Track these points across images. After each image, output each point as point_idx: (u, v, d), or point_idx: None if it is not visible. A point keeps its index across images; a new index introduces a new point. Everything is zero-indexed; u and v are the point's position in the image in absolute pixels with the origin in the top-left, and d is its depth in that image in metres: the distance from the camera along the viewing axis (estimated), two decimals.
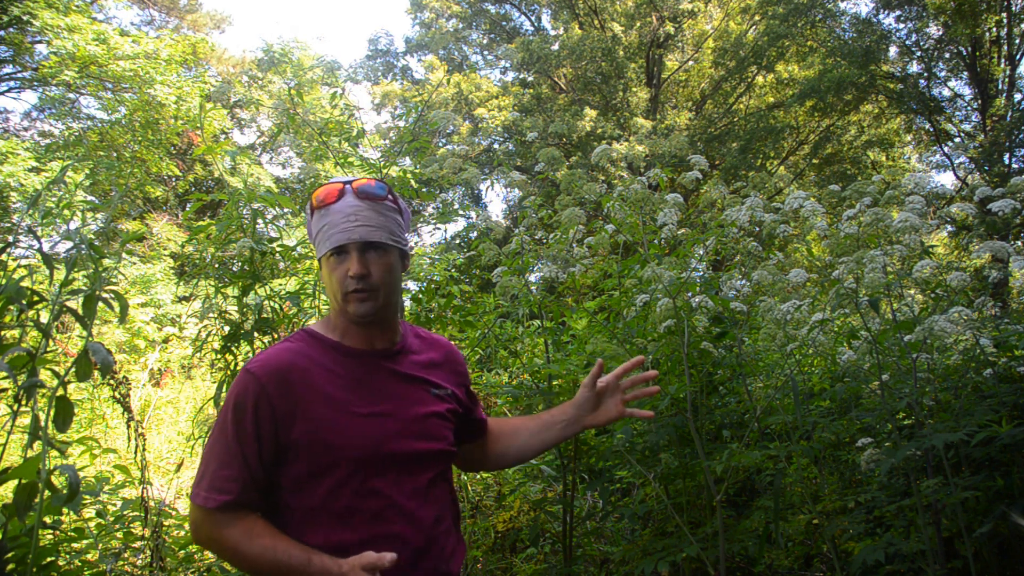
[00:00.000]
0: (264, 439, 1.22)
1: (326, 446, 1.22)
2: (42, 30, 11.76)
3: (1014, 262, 1.93)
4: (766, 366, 3.19)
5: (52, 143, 14.03)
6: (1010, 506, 2.06)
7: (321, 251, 1.30)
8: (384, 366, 1.33)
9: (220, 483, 1.20)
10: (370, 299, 1.27)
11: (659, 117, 19.77)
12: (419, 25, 24.95)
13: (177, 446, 6.13)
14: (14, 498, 1.69)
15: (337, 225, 1.27)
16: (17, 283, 1.84)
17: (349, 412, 1.25)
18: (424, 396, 1.36)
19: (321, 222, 1.29)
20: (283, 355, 1.27)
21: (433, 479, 1.33)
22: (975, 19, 15.36)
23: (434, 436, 1.34)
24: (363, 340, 1.33)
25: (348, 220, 1.27)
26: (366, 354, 1.32)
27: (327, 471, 1.23)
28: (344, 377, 1.28)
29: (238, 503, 1.20)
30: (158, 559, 2.80)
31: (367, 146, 3.98)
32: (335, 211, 1.28)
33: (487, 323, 3.22)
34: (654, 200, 2.51)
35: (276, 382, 1.22)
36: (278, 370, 1.24)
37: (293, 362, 1.25)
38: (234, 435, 1.21)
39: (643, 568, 2.24)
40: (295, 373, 1.24)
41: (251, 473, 1.21)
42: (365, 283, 1.26)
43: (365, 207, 1.28)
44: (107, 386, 2.97)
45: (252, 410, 1.21)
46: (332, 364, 1.29)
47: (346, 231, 1.26)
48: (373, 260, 1.27)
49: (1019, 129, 14.13)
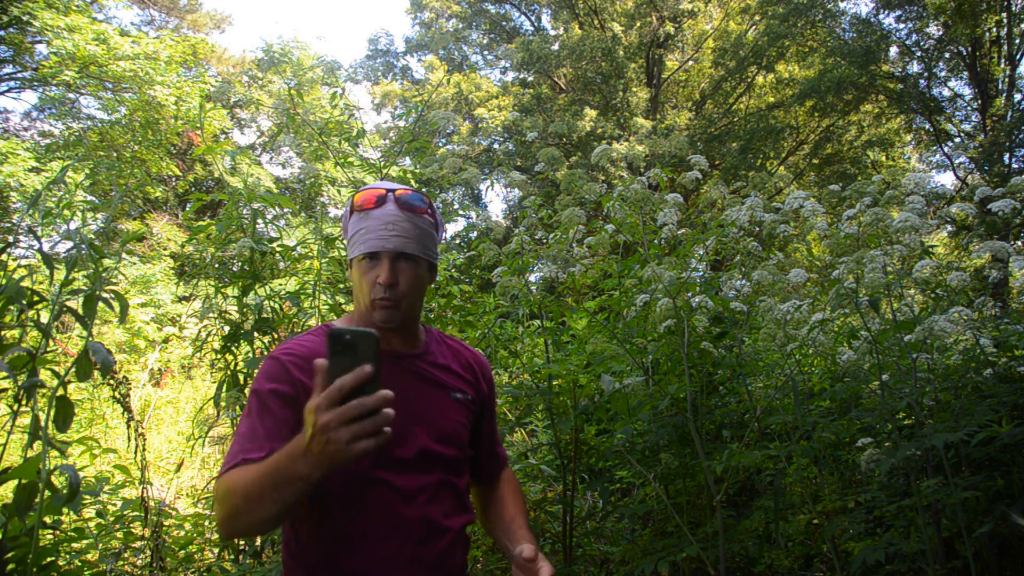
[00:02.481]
0: (287, 418, 1.23)
1: None
2: (42, 30, 11.76)
3: (1014, 262, 1.93)
4: (766, 366, 3.19)
5: (52, 143, 14.03)
6: (1010, 506, 2.06)
7: (354, 252, 1.33)
8: (403, 365, 1.35)
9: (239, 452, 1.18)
10: (394, 308, 1.30)
11: (659, 117, 19.78)
12: (419, 25, 24.96)
13: (177, 446, 6.13)
14: (14, 498, 1.69)
15: (374, 231, 1.30)
16: (17, 283, 1.84)
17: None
18: (441, 399, 1.37)
19: (359, 225, 1.32)
20: (305, 344, 1.31)
21: (444, 481, 1.33)
22: (975, 19, 15.36)
23: (446, 439, 1.34)
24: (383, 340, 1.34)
25: (385, 228, 1.30)
26: (386, 354, 1.33)
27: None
28: None
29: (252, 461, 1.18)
30: (158, 559, 2.81)
31: (367, 146, 3.98)
32: (374, 216, 1.31)
33: (487, 323, 3.22)
34: (654, 200, 2.51)
35: (297, 367, 1.25)
36: (299, 355, 1.27)
37: (314, 350, 1.28)
38: (257, 415, 1.22)
39: (643, 568, 2.24)
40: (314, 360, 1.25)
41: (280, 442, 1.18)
42: (392, 292, 1.29)
43: (404, 217, 1.31)
44: (107, 386, 2.97)
45: (274, 391, 1.23)
46: None
47: (382, 238, 1.29)
48: (403, 270, 1.30)
49: (1019, 129, 14.13)
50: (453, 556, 1.32)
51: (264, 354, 2.87)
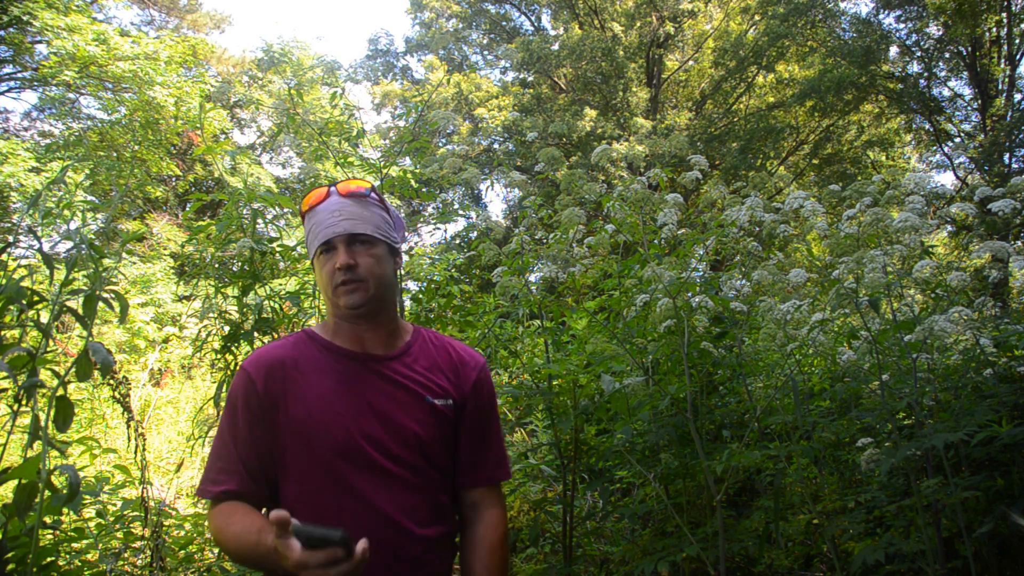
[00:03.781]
0: (255, 430, 1.25)
1: (306, 440, 1.25)
2: (42, 30, 11.75)
3: (1014, 262, 1.93)
4: (766, 366, 3.19)
5: (52, 143, 14.02)
6: (1010, 506, 2.06)
7: (312, 250, 1.34)
8: (374, 368, 1.32)
9: (214, 475, 1.25)
10: (359, 289, 1.29)
11: (659, 117, 19.77)
12: (419, 25, 24.95)
13: (177, 446, 6.12)
14: (14, 498, 1.69)
15: (323, 223, 1.32)
16: (17, 283, 1.84)
17: (331, 410, 1.26)
18: (411, 404, 1.32)
19: (310, 223, 1.35)
20: (274, 351, 1.32)
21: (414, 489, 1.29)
22: (975, 19, 15.35)
23: (413, 446, 1.30)
24: (355, 341, 1.34)
25: (333, 216, 1.31)
26: (357, 356, 1.33)
27: (309, 466, 1.25)
28: (331, 376, 1.30)
29: (231, 493, 1.23)
30: (158, 559, 2.81)
31: (367, 146, 3.98)
32: (321, 211, 1.33)
33: (487, 323, 3.22)
34: (654, 200, 2.51)
35: (264, 376, 1.27)
36: (267, 364, 1.29)
37: (283, 357, 1.30)
38: (228, 429, 1.26)
39: (643, 568, 2.24)
40: (284, 368, 1.29)
41: (245, 465, 1.25)
42: (352, 274, 1.29)
43: (349, 203, 1.33)
44: (107, 386, 2.97)
45: (243, 404, 1.26)
46: (321, 362, 1.31)
47: (331, 226, 1.30)
48: (360, 252, 1.30)
49: (1019, 129, 14.13)
50: (429, 565, 1.28)
51: None
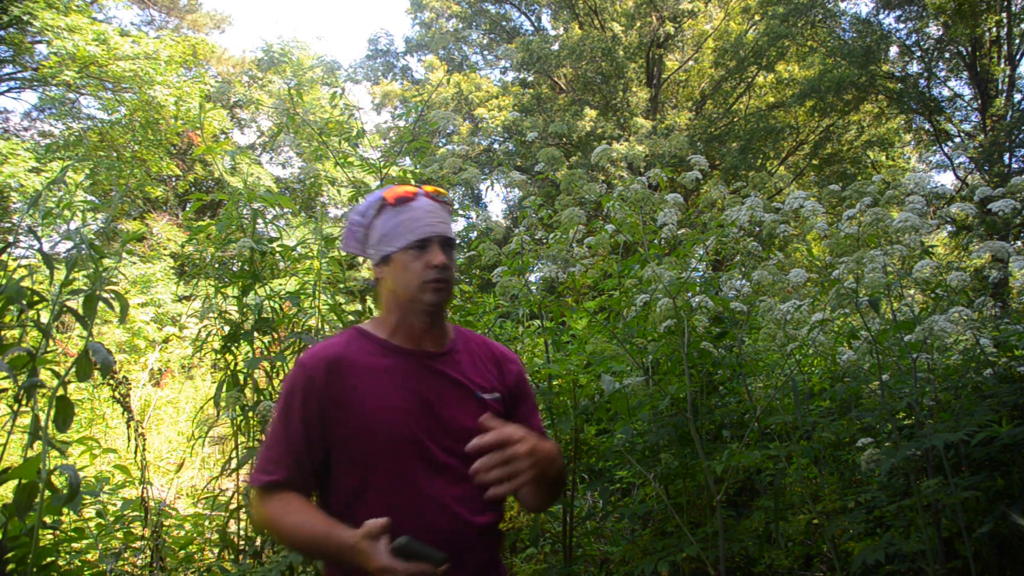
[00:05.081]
0: (311, 425, 1.30)
1: (366, 435, 1.30)
2: (42, 30, 11.75)
3: (1014, 262, 1.93)
4: (766, 366, 3.19)
5: (52, 143, 14.01)
6: (1010, 506, 2.06)
7: (399, 244, 1.36)
8: (429, 366, 1.38)
9: (266, 465, 1.30)
10: (445, 290, 1.36)
11: (659, 117, 19.76)
12: (419, 25, 24.96)
13: (177, 446, 6.13)
14: (14, 498, 1.69)
15: (420, 220, 1.36)
16: (17, 283, 1.84)
17: (389, 406, 1.31)
18: (466, 400, 1.39)
19: (397, 218, 1.37)
20: (332, 348, 1.36)
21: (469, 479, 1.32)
22: (975, 19, 15.35)
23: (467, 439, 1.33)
24: (410, 339, 1.39)
25: (430, 216, 1.37)
26: (412, 353, 1.38)
27: (369, 459, 1.30)
28: (388, 373, 1.35)
29: (283, 483, 1.29)
30: (158, 559, 2.81)
31: (367, 146, 3.98)
32: (415, 208, 1.37)
33: (487, 323, 3.22)
34: (654, 200, 2.51)
35: (323, 373, 1.31)
36: (325, 361, 1.33)
37: (341, 355, 1.34)
38: (282, 421, 1.31)
39: (643, 568, 2.24)
40: (342, 366, 1.33)
41: (296, 457, 1.30)
42: (446, 274, 1.35)
43: (440, 208, 1.40)
44: (107, 386, 2.97)
45: (300, 398, 1.31)
46: (378, 359, 1.36)
47: (430, 226, 1.36)
48: (449, 255, 1.38)
49: (1019, 129, 14.13)
50: (480, 551, 1.35)
51: (264, 354, 2.88)
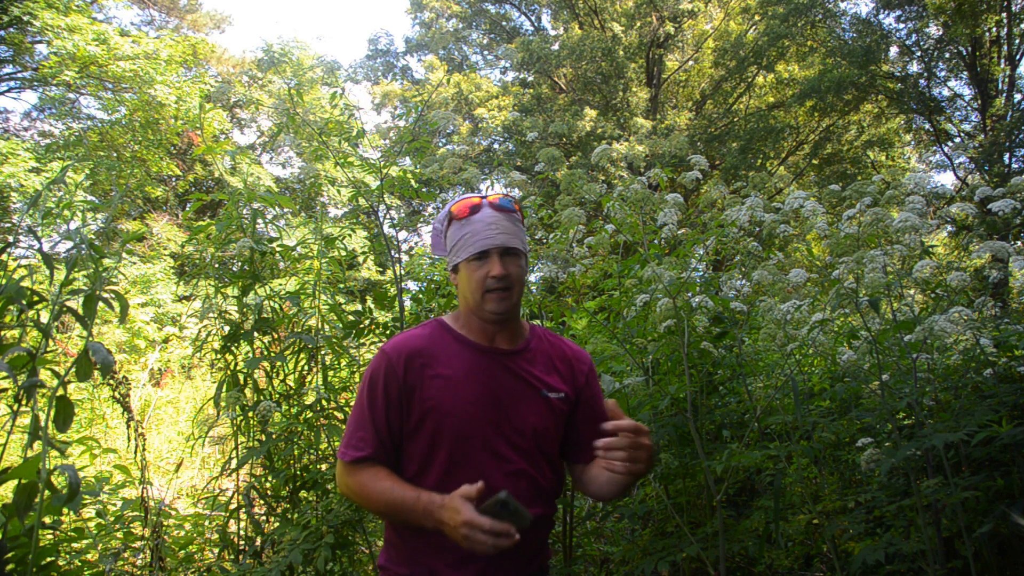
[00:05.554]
0: (391, 408, 1.44)
1: (436, 422, 1.42)
2: (42, 30, 11.75)
3: (1014, 262, 1.93)
4: (766, 366, 3.19)
5: (52, 143, 14.01)
6: (1010, 506, 2.06)
7: (463, 256, 1.47)
8: (499, 362, 1.49)
9: (355, 442, 1.44)
10: (507, 298, 1.45)
11: (659, 117, 19.77)
12: (419, 25, 24.95)
13: (177, 446, 6.12)
14: (14, 498, 1.69)
15: (479, 233, 1.45)
16: (17, 283, 1.84)
17: (460, 396, 1.43)
18: (530, 396, 1.48)
19: (461, 232, 1.48)
20: (413, 340, 1.49)
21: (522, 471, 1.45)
22: (975, 19, 15.35)
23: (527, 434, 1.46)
24: (484, 336, 1.50)
25: (489, 228, 1.45)
26: (486, 350, 1.49)
27: (437, 444, 1.42)
28: (462, 365, 1.46)
29: (369, 458, 1.43)
30: (158, 559, 2.81)
31: (367, 146, 3.98)
32: (476, 221, 1.47)
33: None
34: (654, 200, 2.51)
35: (404, 361, 1.44)
36: (407, 351, 1.45)
37: (421, 347, 1.47)
38: (368, 404, 1.44)
39: (643, 568, 2.24)
40: (421, 356, 1.46)
41: (379, 436, 1.44)
42: (505, 282, 1.44)
43: (502, 218, 1.47)
44: (107, 386, 2.97)
45: (382, 384, 1.43)
46: (454, 352, 1.48)
47: (488, 238, 1.45)
48: (510, 263, 1.46)
49: (1019, 129, 14.13)
50: (531, 541, 1.44)
51: (264, 354, 2.88)
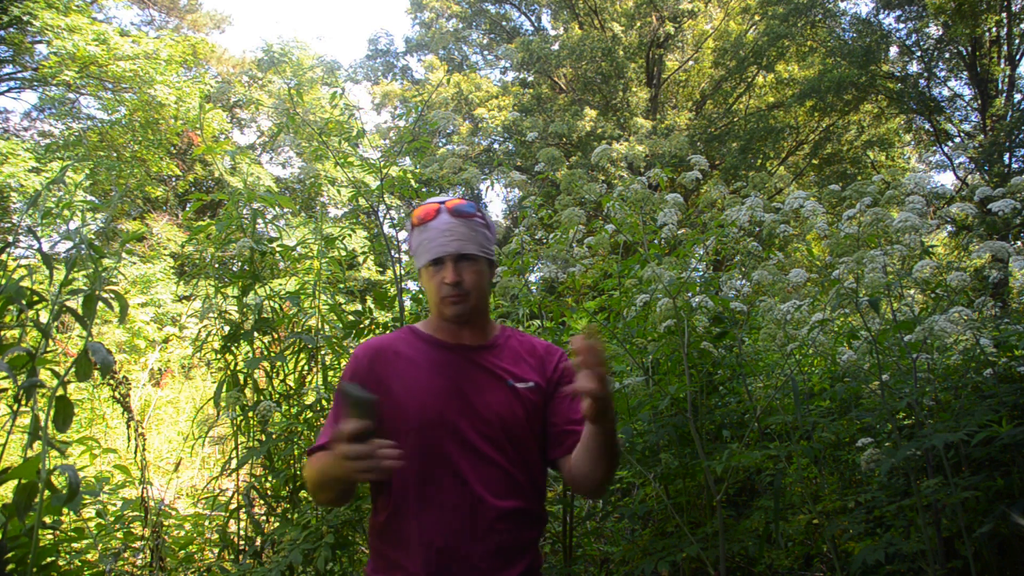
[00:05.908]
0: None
1: (402, 414, 1.44)
2: (42, 30, 11.75)
3: (1014, 262, 1.93)
4: (766, 366, 3.19)
5: (52, 143, 14.01)
6: (1010, 506, 2.06)
7: (420, 262, 1.52)
8: (465, 356, 1.52)
9: (319, 437, 1.47)
10: (462, 302, 1.48)
11: (659, 117, 19.77)
12: (419, 25, 24.96)
13: (177, 446, 6.12)
14: (14, 498, 1.69)
15: (434, 240, 1.48)
16: (17, 283, 1.84)
17: (422, 387, 1.47)
18: (495, 387, 1.50)
19: (420, 237, 1.51)
20: (382, 340, 1.57)
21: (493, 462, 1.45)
22: (975, 19, 15.35)
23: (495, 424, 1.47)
24: (451, 335, 1.55)
25: (444, 236, 1.48)
26: (452, 347, 1.53)
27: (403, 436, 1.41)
28: (426, 362, 1.51)
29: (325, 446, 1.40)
30: (158, 559, 2.80)
31: (367, 146, 3.98)
32: (432, 228, 1.49)
33: None
34: (654, 200, 2.51)
35: (369, 358, 1.50)
36: (375, 347, 1.53)
37: (388, 345, 1.54)
38: (337, 400, 1.47)
39: (643, 568, 2.24)
40: (386, 354, 1.52)
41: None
42: (459, 289, 1.47)
43: (458, 223, 1.49)
44: (107, 386, 2.97)
45: (348, 378, 1.48)
46: (419, 352, 1.53)
47: (442, 245, 1.47)
48: (465, 269, 1.48)
49: (1019, 129, 14.13)
50: (499, 534, 1.42)
51: (264, 354, 2.88)
